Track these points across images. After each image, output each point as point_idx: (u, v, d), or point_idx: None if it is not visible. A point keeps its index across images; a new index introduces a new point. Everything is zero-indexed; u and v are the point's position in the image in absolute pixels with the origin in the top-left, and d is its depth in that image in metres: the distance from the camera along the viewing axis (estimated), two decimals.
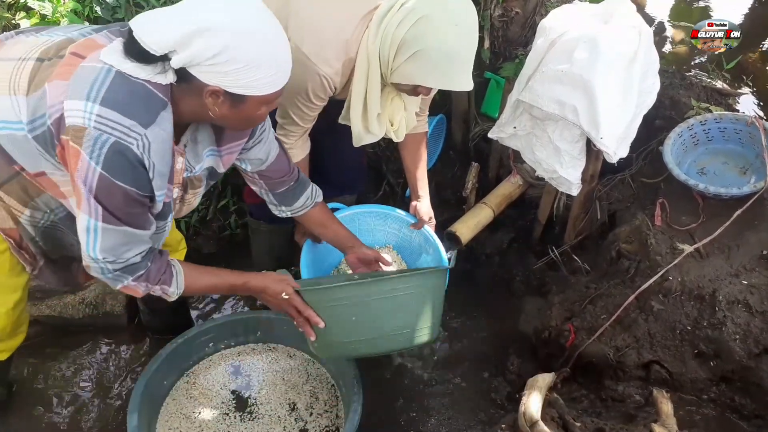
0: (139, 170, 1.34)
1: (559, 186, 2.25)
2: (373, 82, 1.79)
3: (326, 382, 2.17)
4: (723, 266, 1.98)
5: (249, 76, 1.33)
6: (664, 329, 2.00)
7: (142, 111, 1.31)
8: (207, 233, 2.93)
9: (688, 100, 2.36)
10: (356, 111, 1.87)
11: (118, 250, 1.44)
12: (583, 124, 1.99)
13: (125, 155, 1.30)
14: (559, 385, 2.08)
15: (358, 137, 1.97)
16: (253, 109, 1.42)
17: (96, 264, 1.46)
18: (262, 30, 1.33)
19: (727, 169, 2.19)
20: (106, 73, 1.30)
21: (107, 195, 1.34)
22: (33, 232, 1.64)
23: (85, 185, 1.32)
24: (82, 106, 1.28)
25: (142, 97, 1.32)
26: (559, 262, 2.49)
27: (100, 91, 1.28)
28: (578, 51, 2.00)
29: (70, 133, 1.29)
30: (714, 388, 1.95)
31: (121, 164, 1.31)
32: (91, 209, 1.36)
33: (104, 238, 1.41)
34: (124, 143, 1.29)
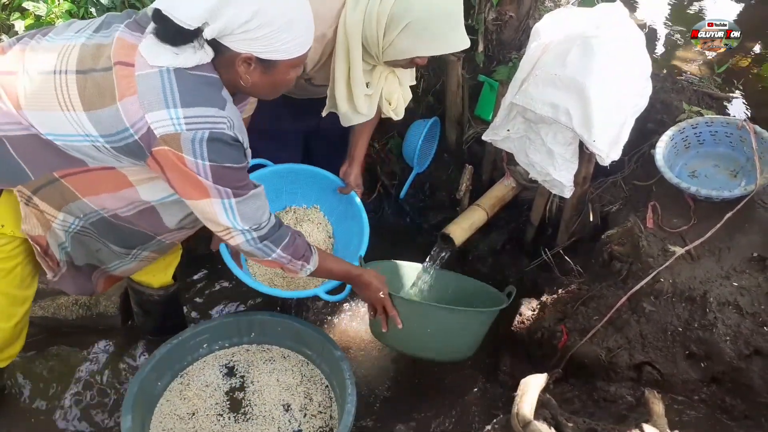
0: (236, 146, 1.44)
1: (552, 188, 2.27)
2: (355, 61, 1.75)
3: (320, 383, 2.17)
4: (714, 268, 2.00)
5: (280, 39, 1.38)
6: (656, 330, 2.02)
7: (214, 97, 1.40)
8: (202, 234, 2.92)
9: (680, 103, 2.38)
10: (341, 93, 1.83)
11: (256, 215, 1.56)
12: (576, 127, 2.01)
13: (222, 140, 1.40)
14: (551, 385, 2.09)
15: (346, 118, 1.93)
16: (283, 73, 1.47)
17: (244, 236, 1.57)
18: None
19: (718, 172, 2.21)
20: (168, 76, 1.36)
21: (224, 178, 1.45)
22: (64, 237, 1.69)
23: (203, 178, 1.43)
24: (167, 115, 1.35)
25: (207, 85, 1.40)
26: (551, 264, 2.50)
27: (174, 96, 1.35)
28: (572, 55, 2.01)
29: (167, 142, 1.37)
30: (705, 389, 1.97)
31: (222, 149, 1.41)
32: (221, 193, 1.47)
33: (240, 209, 1.52)
34: (218, 130, 1.38)
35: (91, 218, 1.66)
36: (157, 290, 2.26)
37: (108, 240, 1.75)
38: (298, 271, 1.75)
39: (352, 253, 2.19)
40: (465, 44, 1.72)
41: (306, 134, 2.37)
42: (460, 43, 1.71)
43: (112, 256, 1.83)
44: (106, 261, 1.84)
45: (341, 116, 1.93)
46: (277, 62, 1.43)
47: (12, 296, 1.82)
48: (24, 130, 1.44)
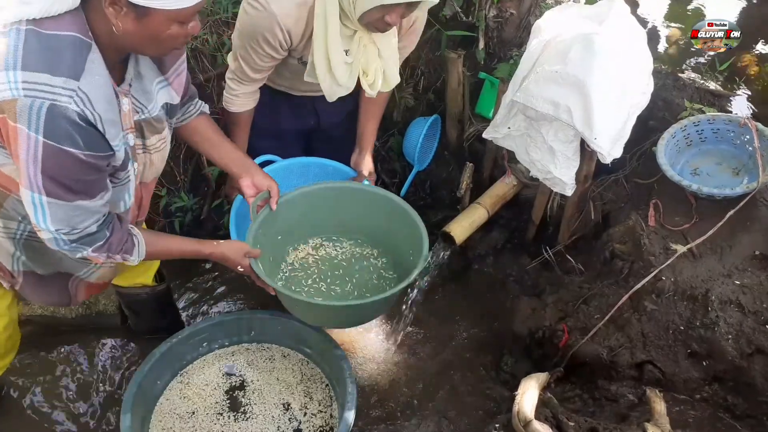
0: (85, 128, 1.23)
1: (554, 186, 2.26)
2: (332, 25, 1.71)
3: (320, 382, 2.16)
4: (716, 266, 1.99)
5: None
6: (658, 329, 2.01)
7: (68, 63, 1.21)
8: (200, 233, 2.92)
9: (682, 101, 2.36)
10: (320, 60, 1.79)
11: (71, 221, 1.35)
12: (577, 125, 2.00)
13: (66, 116, 1.20)
14: (552, 384, 2.09)
15: (330, 92, 1.90)
16: (161, 25, 1.25)
17: (50, 235, 1.38)
18: None
19: (720, 170, 2.20)
20: (17, 35, 1.18)
21: (56, 165, 1.24)
22: (13, 246, 1.56)
23: (29, 158, 1.21)
24: (5, 78, 1.17)
25: (63, 48, 1.20)
26: (552, 263, 2.49)
27: (17, 56, 1.17)
28: (573, 52, 2.00)
29: (5, 110, 1.19)
30: (707, 388, 1.96)
31: (63, 127, 1.20)
32: (33, 183, 1.26)
33: (52, 211, 1.31)
34: (61, 104, 1.19)
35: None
36: (142, 289, 2.23)
37: None
38: (123, 262, 1.56)
39: None
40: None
41: (306, 133, 2.36)
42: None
43: (76, 264, 1.69)
44: (74, 269, 1.71)
45: (325, 92, 1.91)
46: (150, 9, 1.21)
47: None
48: None
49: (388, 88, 2.04)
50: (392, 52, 1.94)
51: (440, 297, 2.71)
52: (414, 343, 2.59)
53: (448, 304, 2.71)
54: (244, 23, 1.78)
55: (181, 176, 2.78)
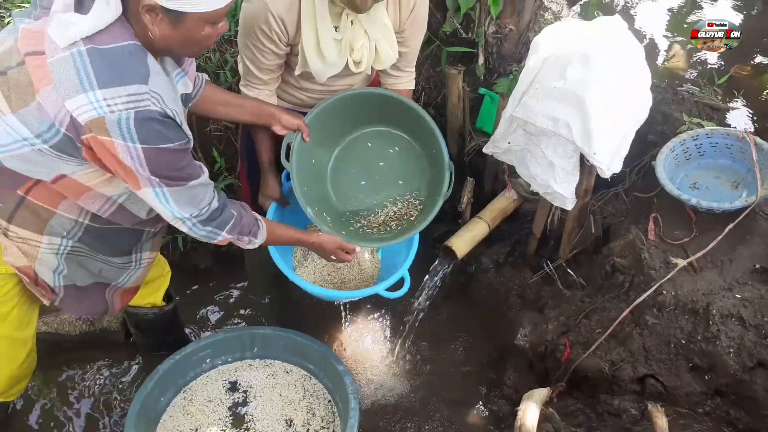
0: (169, 122, 1.35)
1: (554, 200, 2.27)
2: (321, 16, 1.77)
3: (323, 398, 2.17)
4: (716, 280, 2.00)
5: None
6: (659, 343, 2.01)
7: (135, 70, 1.30)
8: (204, 248, 2.94)
9: (680, 115, 2.38)
10: (309, 41, 1.83)
11: (194, 201, 1.50)
12: (576, 140, 2.01)
13: (150, 119, 1.30)
14: (555, 399, 2.09)
15: (319, 73, 1.93)
16: (195, 28, 1.35)
17: (185, 224, 1.54)
18: None
19: (719, 184, 2.21)
20: (80, 57, 1.26)
21: (161, 162, 1.36)
22: (56, 261, 1.63)
23: (136, 165, 1.34)
24: (86, 99, 1.27)
25: (124, 58, 1.29)
26: (554, 277, 2.50)
27: (90, 77, 1.26)
28: (571, 68, 2.02)
29: (93, 129, 1.29)
30: (709, 402, 1.96)
31: (153, 128, 1.31)
32: (152, 182, 1.40)
33: (176, 198, 1.46)
34: (143, 109, 1.29)
35: (76, 234, 1.60)
36: (151, 309, 2.26)
37: (104, 253, 1.71)
38: (245, 246, 1.75)
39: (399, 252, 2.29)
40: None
41: None
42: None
43: (117, 271, 1.79)
44: (113, 277, 1.80)
45: (314, 72, 1.93)
46: (185, 14, 1.30)
47: (13, 339, 1.78)
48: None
49: (381, 65, 2.04)
50: (384, 32, 1.94)
51: (442, 311, 2.72)
52: (416, 358, 2.59)
53: (449, 318, 2.71)
54: (242, 19, 1.84)
55: None
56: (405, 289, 2.12)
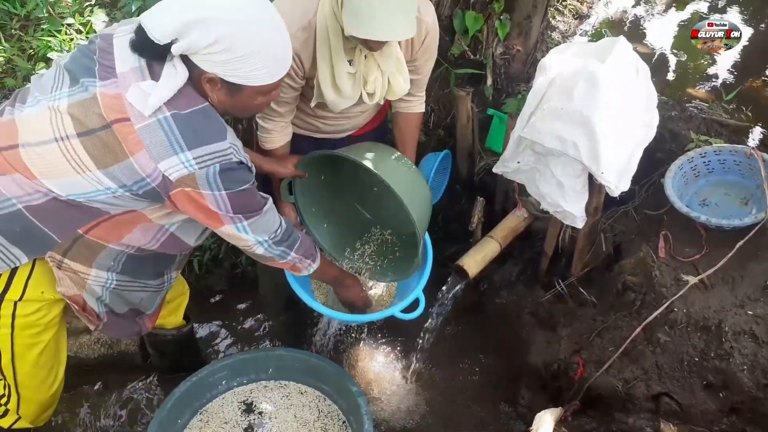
0: (243, 168, 1.52)
1: (564, 219, 2.28)
2: (334, 37, 1.80)
3: (337, 419, 2.18)
4: (728, 297, 1.99)
5: (244, 66, 1.41)
6: (672, 360, 2.01)
7: (214, 129, 1.47)
8: (219, 271, 2.98)
9: (688, 132, 2.39)
10: (324, 75, 1.87)
11: (267, 226, 1.68)
12: (584, 160, 2.03)
13: (231, 169, 1.48)
14: (569, 418, 2.09)
15: (334, 104, 1.97)
16: (249, 97, 1.51)
17: (262, 245, 1.71)
18: (259, 20, 1.42)
19: (728, 201, 2.21)
20: (167, 123, 1.42)
21: (241, 203, 1.56)
22: (101, 292, 1.75)
23: (220, 208, 1.53)
24: (178, 161, 1.43)
25: (204, 120, 1.46)
26: (565, 295, 2.50)
27: (179, 141, 1.42)
28: (577, 89, 2.04)
29: (184, 183, 1.46)
30: (725, 420, 1.95)
31: (234, 176, 1.50)
32: (234, 219, 1.59)
33: (254, 227, 1.64)
34: (226, 161, 1.46)
35: (120, 261, 1.71)
36: (170, 330, 2.31)
37: (144, 278, 1.82)
38: (304, 269, 1.89)
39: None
40: (399, 35, 1.69)
41: None
42: (391, 33, 1.67)
43: (153, 296, 1.91)
44: (148, 306, 1.92)
45: (329, 104, 1.97)
46: (242, 86, 1.47)
47: (50, 365, 1.89)
48: (44, 197, 1.50)
49: (394, 96, 2.06)
50: (397, 65, 1.97)
51: (454, 331, 2.73)
52: (429, 378, 2.60)
53: (462, 337, 2.72)
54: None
55: None
56: (419, 310, 2.14)
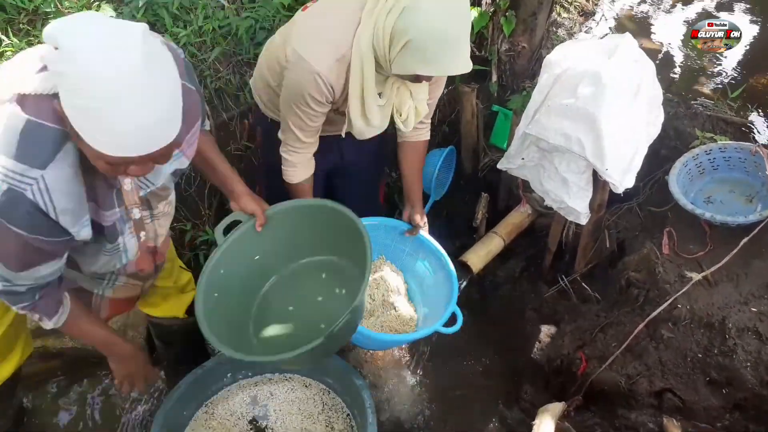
0: (36, 216, 1.27)
1: (568, 215, 2.29)
2: (368, 74, 1.77)
3: (341, 412, 2.20)
4: (732, 294, 2.00)
5: (79, 119, 1.15)
6: (675, 357, 2.02)
7: (36, 152, 1.24)
8: None
9: (693, 129, 2.39)
10: (355, 107, 1.85)
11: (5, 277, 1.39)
12: (589, 157, 2.03)
13: (18, 201, 1.24)
14: (571, 413, 2.10)
15: (359, 132, 1.95)
16: (89, 153, 1.22)
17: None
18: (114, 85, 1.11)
19: (733, 198, 2.22)
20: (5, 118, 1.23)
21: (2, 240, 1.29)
22: None
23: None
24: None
25: (36, 136, 1.23)
26: (569, 291, 2.51)
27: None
28: (582, 85, 2.05)
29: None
30: (728, 416, 1.95)
31: (15, 210, 1.25)
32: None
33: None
34: (18, 190, 1.23)
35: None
36: (174, 320, 2.31)
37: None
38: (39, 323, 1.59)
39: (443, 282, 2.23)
40: (464, 69, 1.67)
41: (328, 170, 2.40)
42: (459, 67, 1.66)
43: (92, 282, 1.76)
44: (90, 287, 1.77)
45: (355, 131, 1.95)
46: (81, 137, 1.17)
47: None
48: None
49: (419, 118, 2.07)
50: (425, 92, 1.99)
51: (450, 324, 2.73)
52: (432, 372, 2.61)
53: (465, 332, 2.71)
54: (291, 88, 1.81)
55: (205, 211, 2.86)
56: (459, 323, 2.10)
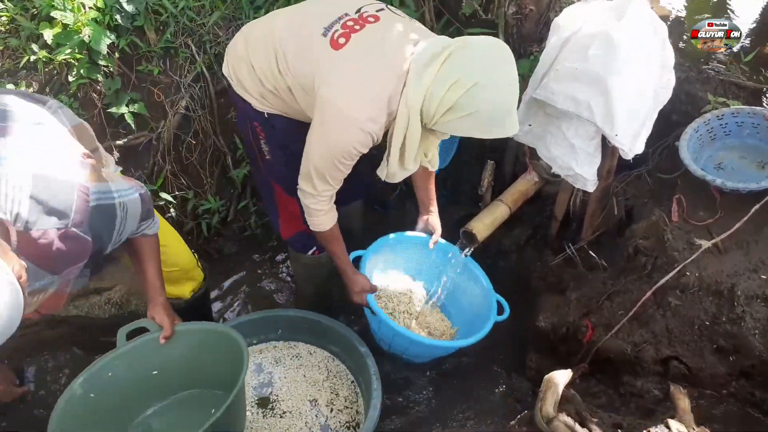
0: None
1: (575, 183, 2.25)
2: (414, 132, 1.77)
3: (346, 379, 2.20)
4: (741, 261, 1.98)
5: None
6: (682, 325, 2.00)
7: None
8: (228, 234, 2.98)
9: (705, 94, 2.34)
10: (394, 157, 1.86)
11: None
12: (598, 122, 1.99)
13: None
14: (577, 380, 2.10)
15: (392, 176, 1.95)
16: None
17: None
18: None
19: (744, 164, 2.18)
20: None
21: None
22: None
23: None
24: None
25: None
26: (575, 259, 2.49)
27: None
28: (593, 48, 2.00)
29: None
30: (734, 383, 1.95)
31: None
32: None
33: None
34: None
35: None
36: (179, 300, 2.31)
37: None
38: None
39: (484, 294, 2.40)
40: (514, 131, 1.73)
41: None
42: (511, 131, 1.72)
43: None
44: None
45: (388, 175, 1.94)
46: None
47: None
48: None
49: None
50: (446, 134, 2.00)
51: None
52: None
53: None
54: (334, 144, 1.76)
55: (207, 179, 2.84)
56: (507, 311, 2.28)
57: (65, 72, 2.44)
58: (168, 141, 2.64)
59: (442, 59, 1.66)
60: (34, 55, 2.39)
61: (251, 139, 2.08)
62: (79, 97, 2.47)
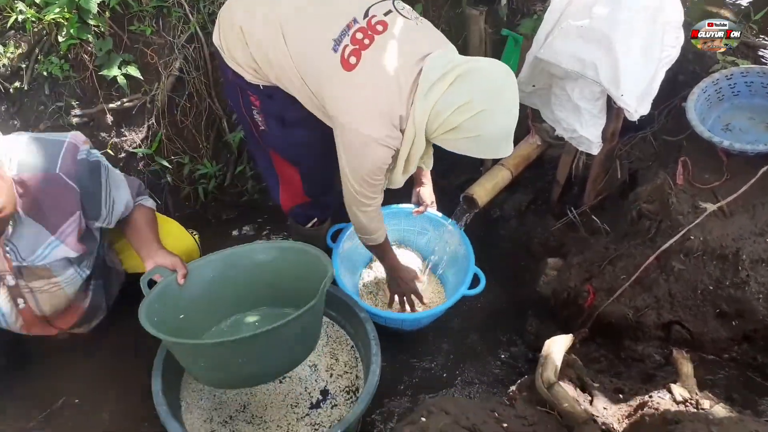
0: None
1: (579, 145, 2.21)
2: (419, 145, 1.83)
3: (346, 344, 2.19)
4: (747, 225, 1.94)
5: None
6: (685, 289, 1.98)
7: None
8: (225, 199, 2.95)
9: (714, 53, 2.28)
10: (400, 167, 1.91)
11: None
12: (603, 81, 1.94)
13: None
14: (578, 345, 2.09)
15: (396, 183, 2.00)
16: None
17: None
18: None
19: (753, 125, 2.12)
20: None
21: None
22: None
23: None
24: None
25: None
26: (578, 223, 2.46)
27: None
28: (598, 6, 1.94)
29: None
30: (736, 348, 1.94)
31: None
32: None
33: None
34: None
35: None
36: None
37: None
38: None
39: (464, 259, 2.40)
40: (509, 152, 1.81)
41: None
42: (506, 152, 1.81)
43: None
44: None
45: (393, 184, 2.00)
46: None
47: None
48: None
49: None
50: None
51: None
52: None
53: None
54: (365, 166, 1.84)
55: (203, 144, 2.79)
56: (482, 285, 2.29)
57: (55, 32, 2.36)
58: (162, 104, 2.59)
59: (451, 79, 1.69)
60: (21, 15, 2.32)
61: (243, 111, 2.05)
62: (69, 58, 2.41)
